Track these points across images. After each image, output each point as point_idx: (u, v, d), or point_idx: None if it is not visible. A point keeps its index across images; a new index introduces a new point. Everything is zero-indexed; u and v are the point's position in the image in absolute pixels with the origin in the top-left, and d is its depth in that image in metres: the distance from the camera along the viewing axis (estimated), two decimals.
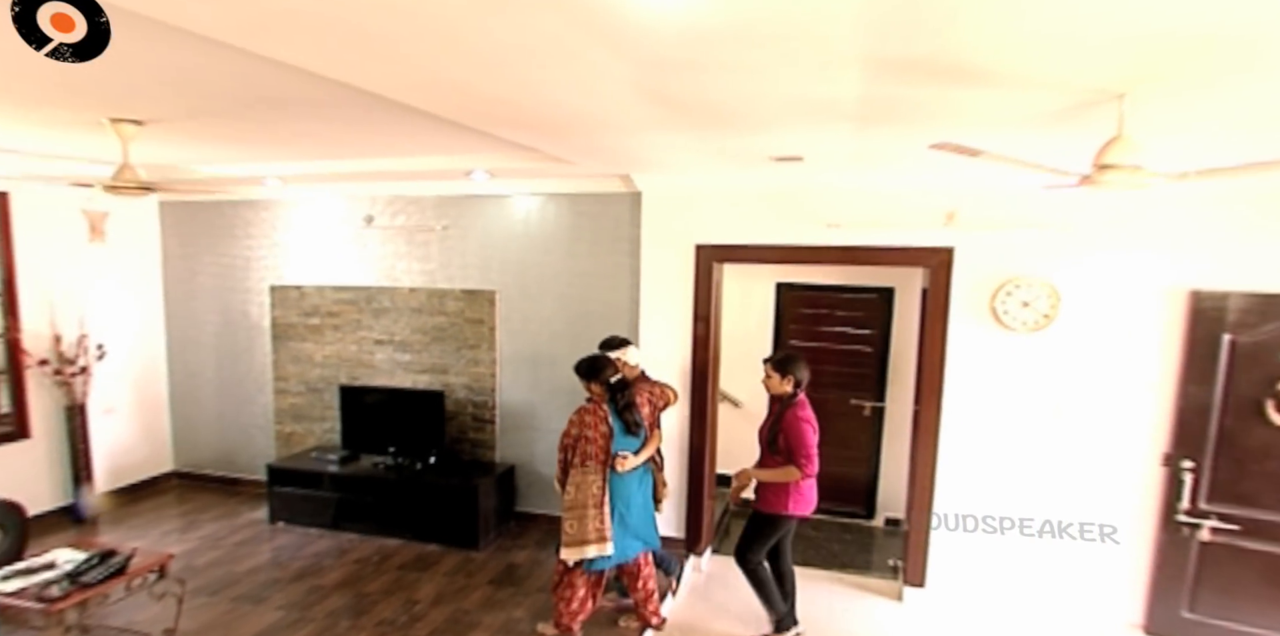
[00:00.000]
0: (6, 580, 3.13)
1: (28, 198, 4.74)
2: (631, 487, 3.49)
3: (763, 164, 3.68)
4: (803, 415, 3.47)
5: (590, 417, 3.39)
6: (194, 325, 5.71)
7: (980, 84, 2.00)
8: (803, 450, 3.39)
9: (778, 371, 3.54)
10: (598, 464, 3.35)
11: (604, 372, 3.47)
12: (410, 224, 5.07)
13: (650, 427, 3.61)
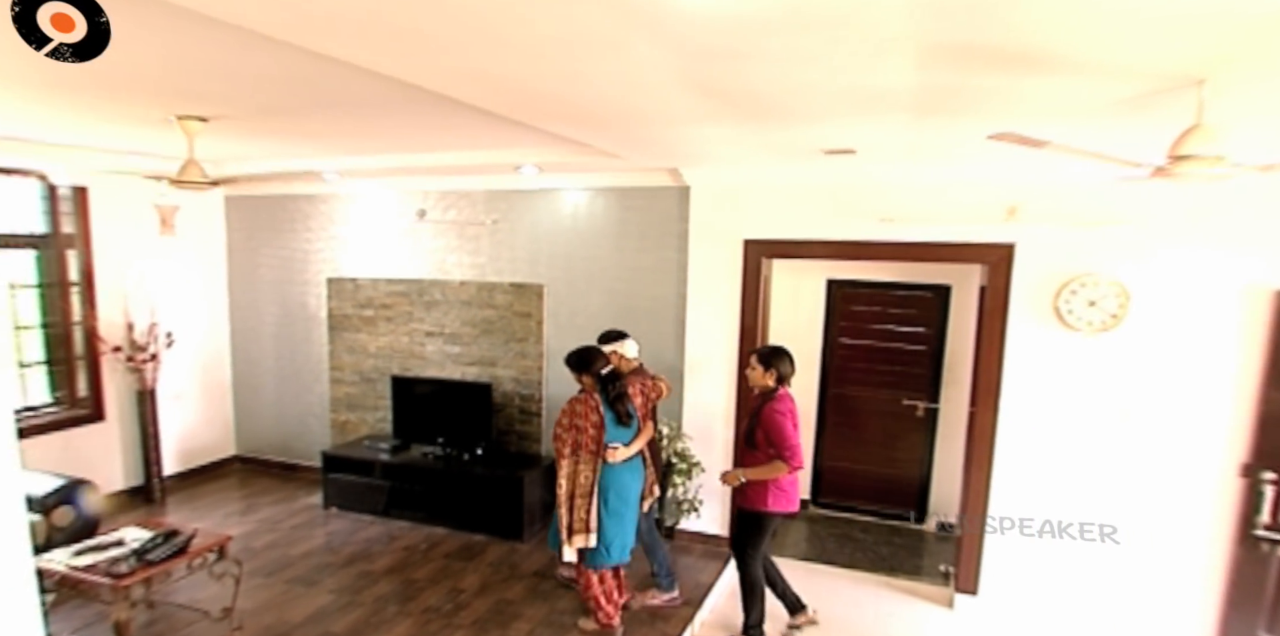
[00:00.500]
0: (79, 555, 3.30)
1: (104, 192, 4.98)
2: (625, 479, 3.46)
3: (814, 157, 3.59)
4: (779, 408, 3.41)
5: (581, 407, 3.39)
6: (255, 315, 5.92)
7: (1045, 71, 1.90)
8: (784, 443, 3.34)
9: (761, 364, 3.50)
10: (589, 454, 3.36)
11: (595, 364, 3.47)
12: (461, 218, 5.14)
13: (643, 419, 3.61)
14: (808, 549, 5.04)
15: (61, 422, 4.93)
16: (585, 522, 3.35)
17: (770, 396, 3.48)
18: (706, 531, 4.66)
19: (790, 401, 3.49)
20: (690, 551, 4.59)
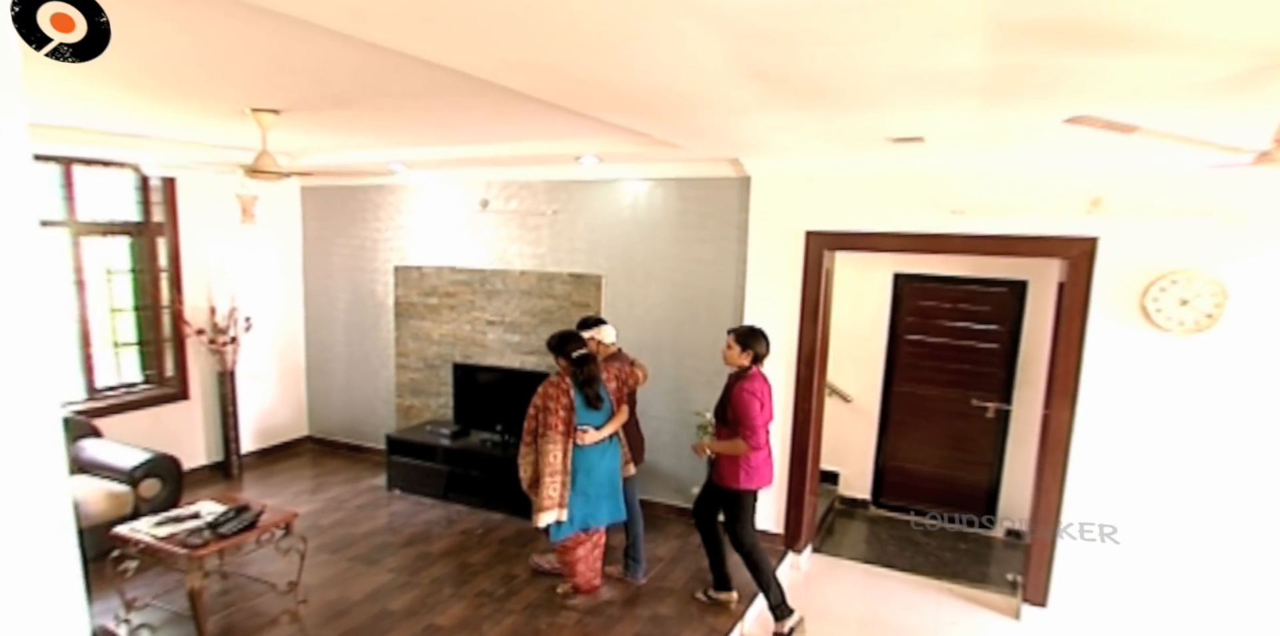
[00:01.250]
0: (160, 526, 3.50)
1: (190, 183, 5.25)
2: (593, 459, 3.57)
3: (879, 146, 3.45)
4: (749, 388, 3.46)
5: (553, 390, 3.49)
6: (328, 302, 6.15)
7: (1130, 48, 1.75)
8: (745, 422, 3.40)
9: (738, 344, 3.54)
10: (557, 434, 3.45)
11: (568, 347, 3.57)
12: (522, 208, 5.19)
13: (617, 403, 3.69)
14: (866, 551, 4.91)
15: (151, 400, 5.26)
16: (554, 499, 3.48)
17: (744, 375, 3.52)
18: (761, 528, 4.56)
19: (762, 382, 3.54)
20: None
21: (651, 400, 4.90)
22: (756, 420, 3.42)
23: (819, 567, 4.58)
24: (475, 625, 3.56)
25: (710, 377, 4.69)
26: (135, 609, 3.56)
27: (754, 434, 3.42)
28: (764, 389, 3.53)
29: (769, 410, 3.56)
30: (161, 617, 3.56)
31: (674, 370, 4.82)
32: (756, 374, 3.55)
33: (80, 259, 4.85)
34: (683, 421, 4.79)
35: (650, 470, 4.99)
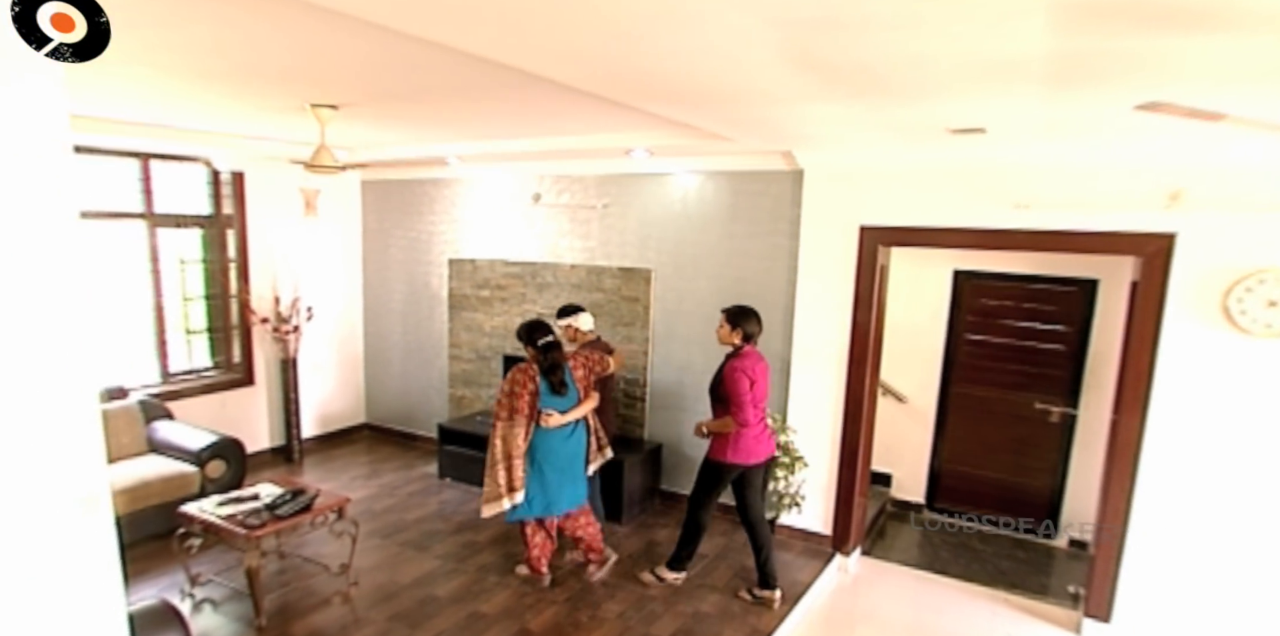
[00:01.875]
0: (222, 505, 3.65)
1: (258, 177, 5.45)
2: (554, 444, 3.66)
3: (938, 137, 3.32)
4: (739, 366, 3.55)
5: (520, 376, 3.60)
6: (385, 293, 6.31)
7: (1211, 27, 1.62)
8: (734, 399, 3.51)
9: (729, 323, 3.64)
10: (523, 418, 3.56)
11: (535, 336, 3.68)
12: (573, 202, 5.20)
13: (585, 390, 3.77)
14: (918, 556, 4.76)
15: (219, 384, 5.49)
16: (511, 483, 3.57)
17: (736, 353, 3.63)
18: (809, 528, 4.51)
19: (753, 359, 3.61)
20: (790, 547, 4.45)
21: (700, 396, 4.85)
22: (744, 397, 3.49)
23: (868, 571, 4.48)
24: (518, 614, 3.60)
25: None
26: (199, 584, 3.73)
27: (740, 410, 3.49)
28: (755, 367, 3.58)
29: (761, 388, 3.60)
30: (223, 593, 3.71)
31: None
32: (749, 352, 3.62)
33: (156, 249, 5.09)
34: None
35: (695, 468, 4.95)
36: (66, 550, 1.00)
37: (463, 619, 3.55)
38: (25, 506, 0.95)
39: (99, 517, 1.04)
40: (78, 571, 1.02)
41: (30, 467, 0.95)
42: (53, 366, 0.95)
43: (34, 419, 0.95)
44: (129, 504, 4.10)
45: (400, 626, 3.48)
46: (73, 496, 0.99)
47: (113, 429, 4.53)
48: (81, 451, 0.99)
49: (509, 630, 3.47)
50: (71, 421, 0.98)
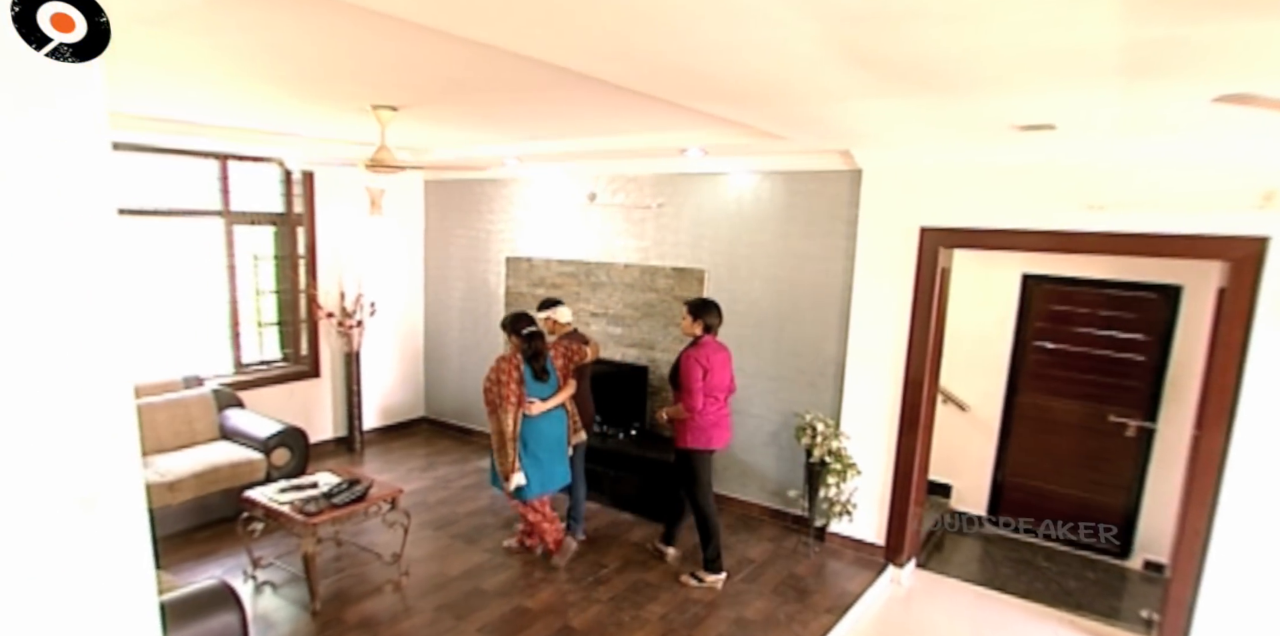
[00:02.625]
0: (282, 492, 3.80)
1: (326, 177, 5.66)
2: (542, 427, 3.89)
3: (1004, 134, 3.18)
4: (695, 355, 3.74)
5: (505, 365, 3.79)
6: (445, 290, 6.45)
7: None
8: (685, 385, 3.72)
9: (691, 314, 3.85)
10: (509, 405, 3.75)
11: (519, 326, 3.89)
12: (628, 201, 5.21)
13: (564, 377, 4.01)
14: (978, 571, 4.57)
15: (287, 376, 5.73)
16: (514, 464, 3.78)
17: (695, 343, 3.82)
18: (860, 537, 4.38)
19: (711, 349, 3.79)
20: (840, 556, 4.34)
21: (751, 398, 4.80)
22: (695, 384, 3.68)
23: (923, 584, 4.32)
24: (561, 611, 3.62)
25: (814, 378, 4.53)
26: (261, 567, 3.88)
27: (689, 396, 3.69)
28: (712, 357, 3.76)
29: (717, 377, 3.76)
30: (282, 577, 3.86)
31: (774, 368, 4.69)
32: (707, 341, 3.81)
33: (232, 245, 5.34)
34: (783, 421, 4.66)
35: (746, 469, 4.90)
36: (61, 553, 1.01)
37: (508, 612, 3.60)
38: (18, 506, 0.96)
39: (101, 518, 1.05)
40: (72, 575, 1.03)
41: (30, 466, 0.97)
42: (52, 365, 0.97)
43: (35, 417, 0.97)
44: (200, 487, 4.32)
45: (447, 617, 3.54)
46: (72, 496, 1.00)
47: (189, 416, 4.78)
48: (83, 450, 1.01)
49: (552, 626, 3.49)
50: (74, 419, 0.99)
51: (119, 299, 1.02)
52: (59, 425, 0.98)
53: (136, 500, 1.09)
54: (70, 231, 0.94)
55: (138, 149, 4.73)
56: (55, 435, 0.97)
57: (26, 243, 0.91)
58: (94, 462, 1.02)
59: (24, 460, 0.96)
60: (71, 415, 0.99)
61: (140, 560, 1.11)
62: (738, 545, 4.44)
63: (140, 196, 4.83)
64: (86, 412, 1.00)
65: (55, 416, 0.97)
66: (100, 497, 1.02)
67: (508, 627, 3.46)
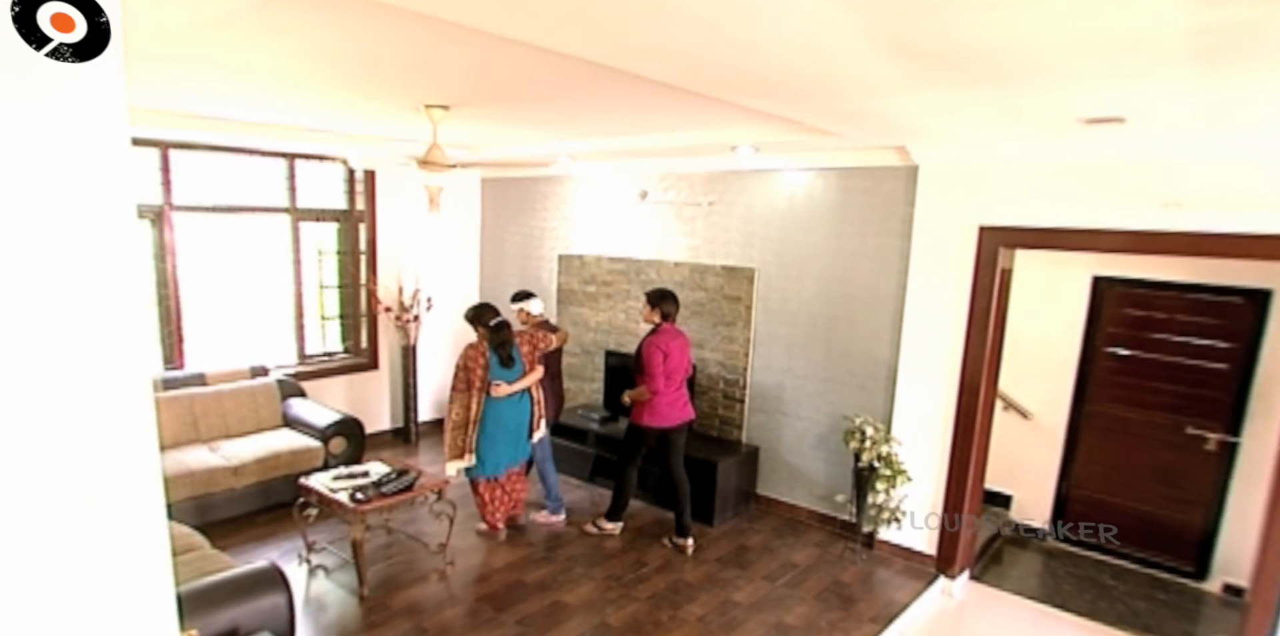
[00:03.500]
0: (335, 480, 3.93)
1: (387, 175, 5.82)
2: (503, 410, 4.15)
3: (1069, 128, 3.01)
4: (655, 341, 4.08)
5: (472, 352, 4.11)
6: (500, 286, 6.55)
7: None
8: (648, 369, 4.06)
9: (650, 304, 4.20)
10: (476, 391, 4.07)
11: (484, 317, 4.19)
12: (679, 199, 5.18)
13: (529, 363, 4.26)
14: (1036, 586, 4.36)
15: (347, 368, 5.93)
16: (469, 445, 4.09)
17: (654, 331, 4.15)
18: (910, 546, 4.25)
19: (670, 336, 4.12)
20: (889, 564, 4.22)
21: (800, 400, 4.71)
22: (656, 368, 4.01)
23: (976, 598, 4.16)
24: (600, 607, 3.63)
25: (865, 381, 4.41)
26: (314, 551, 4.03)
27: (652, 379, 4.03)
28: (671, 343, 4.10)
29: (675, 361, 4.09)
30: (335, 562, 4.00)
31: (825, 370, 4.59)
32: (666, 329, 4.15)
33: (298, 241, 5.56)
34: (832, 424, 4.55)
35: (793, 473, 4.81)
36: (62, 555, 1.01)
37: (546, 606, 3.63)
38: (18, 507, 0.96)
39: (111, 519, 1.04)
40: (72, 579, 1.03)
41: (31, 466, 0.97)
42: (52, 364, 0.98)
43: (45, 415, 0.97)
44: (262, 472, 4.51)
45: (488, 608, 3.60)
46: (79, 496, 0.99)
47: (254, 403, 5.00)
48: (87, 450, 1.02)
49: (589, 622, 3.50)
50: (79, 417, 1.00)
51: (131, 296, 1.04)
52: (68, 423, 0.99)
53: (151, 501, 1.09)
54: (79, 230, 0.97)
55: (212, 149, 4.97)
56: (63, 434, 0.99)
57: (34, 240, 0.94)
58: (106, 462, 1.03)
59: (38, 460, 0.97)
60: (81, 413, 1.00)
61: (154, 562, 1.12)
62: (782, 549, 4.36)
63: (213, 194, 5.07)
64: (99, 411, 1.01)
65: (64, 414, 0.99)
66: (108, 498, 1.03)
67: (545, 622, 3.49)
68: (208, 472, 4.27)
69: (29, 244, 0.92)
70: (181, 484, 4.14)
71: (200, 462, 4.32)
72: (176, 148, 4.82)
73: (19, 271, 0.92)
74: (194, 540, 3.34)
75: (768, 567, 4.12)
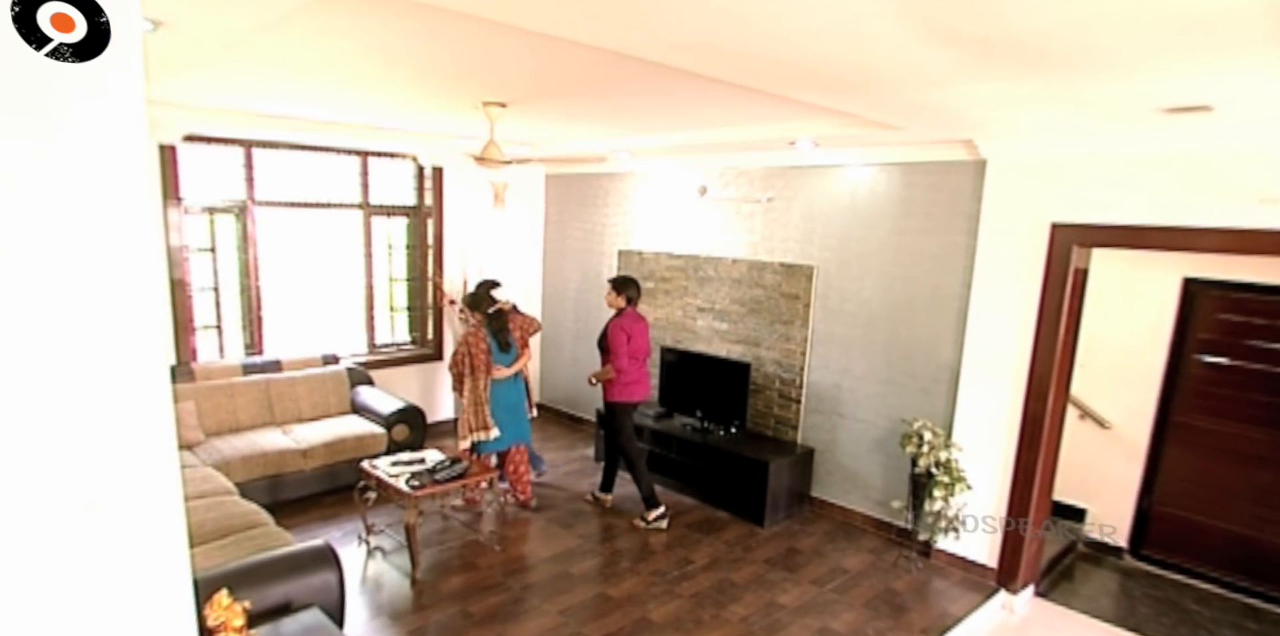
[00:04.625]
0: (394, 465, 4.08)
1: (454, 172, 5.99)
2: (501, 391, 4.48)
3: (1149, 118, 2.81)
4: (619, 324, 4.44)
5: (474, 338, 4.39)
6: (561, 281, 6.65)
7: None
8: (613, 349, 4.41)
9: (615, 290, 4.51)
10: (481, 373, 4.36)
11: (483, 305, 4.49)
12: (738, 195, 5.11)
13: (521, 347, 4.59)
14: (1110, 607, 4.10)
15: (413, 358, 6.14)
16: (484, 421, 4.38)
17: (618, 314, 4.49)
18: (969, 556, 4.07)
19: (632, 319, 4.48)
20: (946, 575, 4.05)
21: (859, 401, 4.59)
22: (620, 348, 4.38)
23: (1041, 615, 3.95)
24: (643, 602, 3.64)
25: (926, 384, 4.25)
26: (373, 533, 4.20)
27: (616, 358, 4.39)
28: (634, 326, 4.45)
29: (638, 342, 4.45)
30: (391, 544, 4.15)
31: (885, 371, 4.44)
32: (630, 313, 4.49)
33: (370, 235, 5.79)
34: (891, 428, 4.41)
35: (849, 476, 4.69)
36: (58, 562, 1.00)
37: (590, 598, 3.66)
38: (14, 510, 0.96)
39: (106, 524, 1.03)
40: (72, 587, 1.02)
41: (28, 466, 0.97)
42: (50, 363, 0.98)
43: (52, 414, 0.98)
44: (329, 455, 4.73)
45: (533, 597, 3.67)
46: (79, 499, 0.99)
47: (325, 390, 5.24)
48: (87, 451, 1.02)
49: (630, 616, 3.52)
50: (79, 416, 1.00)
51: (143, 294, 1.05)
52: (75, 423, 1.00)
53: (167, 502, 1.09)
54: (83, 228, 0.99)
55: (292, 147, 5.22)
56: (69, 433, 0.99)
57: (35, 240, 0.96)
58: (114, 461, 1.04)
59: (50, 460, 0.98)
60: (91, 413, 1.01)
61: (172, 565, 1.12)
62: (834, 553, 4.26)
63: (292, 190, 5.34)
64: (111, 410, 1.03)
65: (72, 413, 1.00)
66: (116, 497, 1.02)
67: (588, 613, 3.53)
68: (279, 454, 4.50)
69: (28, 243, 0.94)
70: (255, 464, 4.40)
71: (273, 444, 4.57)
72: (259, 146, 5.10)
73: (17, 270, 0.93)
74: (260, 517, 3.54)
75: (817, 571, 4.03)
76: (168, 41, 2.41)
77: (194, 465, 4.19)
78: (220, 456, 4.33)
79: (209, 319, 5.12)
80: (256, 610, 2.53)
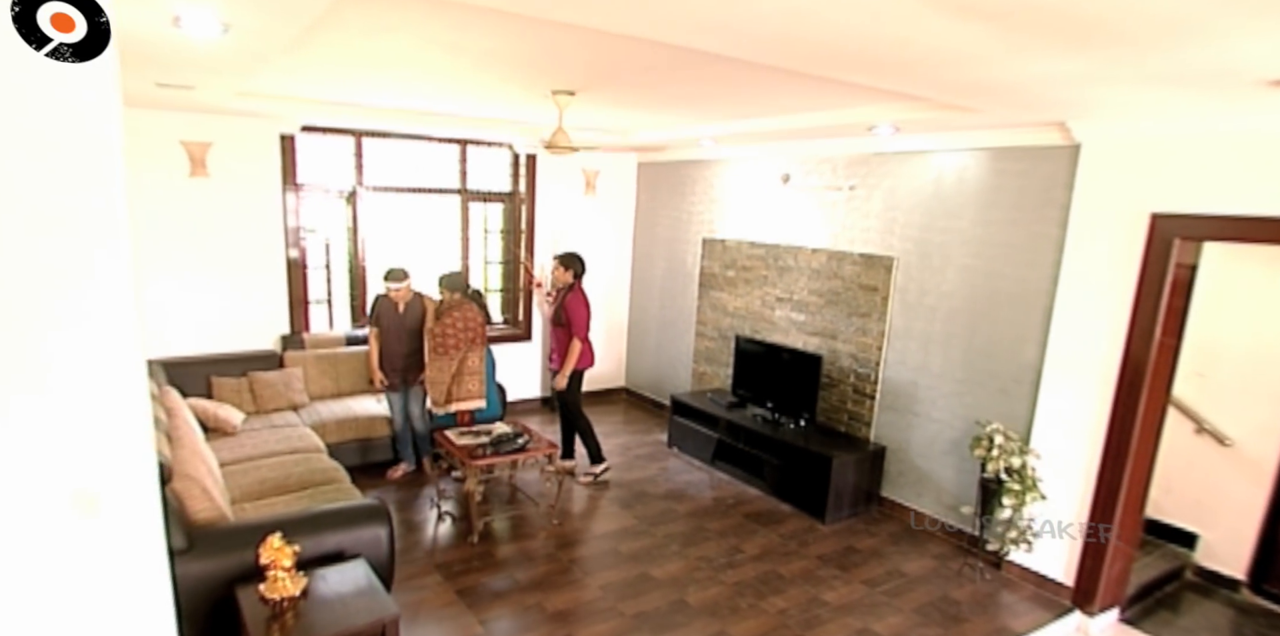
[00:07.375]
0: (463, 436, 4.33)
1: (546, 160, 6.20)
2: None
3: (1253, 92, 2.48)
4: (577, 297, 4.81)
5: (472, 313, 4.65)
6: (649, 268, 6.73)
7: None
8: (578, 323, 4.77)
9: (562, 265, 4.87)
10: (478, 346, 4.68)
11: (470, 289, 4.85)
12: (821, 183, 4.96)
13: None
14: None
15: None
16: (479, 390, 4.65)
17: (570, 289, 4.85)
18: (1043, 572, 3.79)
19: (582, 293, 4.85)
20: (1015, 589, 3.80)
21: (934, 400, 4.36)
22: (583, 319, 4.75)
23: None
24: (683, 586, 3.68)
25: (1006, 384, 3.99)
26: (444, 498, 4.49)
27: (582, 328, 4.76)
28: (586, 299, 4.84)
29: (589, 313, 4.86)
30: (460, 511, 4.42)
31: (963, 370, 4.20)
32: (579, 287, 4.86)
33: (467, 220, 6.12)
34: (967, 430, 4.16)
35: (921, 477, 4.49)
36: (52, 554, 1.08)
37: (632, 577, 3.74)
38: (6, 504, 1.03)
39: (101, 518, 1.09)
40: (63, 576, 1.09)
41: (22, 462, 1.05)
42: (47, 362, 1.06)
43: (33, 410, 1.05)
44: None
45: (578, 570, 3.80)
46: (67, 493, 1.06)
47: None
48: (82, 446, 1.09)
49: (668, 597, 3.56)
50: (74, 414, 1.08)
51: (115, 289, 1.11)
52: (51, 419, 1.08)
53: (144, 496, 1.15)
54: (70, 226, 1.07)
55: (399, 136, 5.61)
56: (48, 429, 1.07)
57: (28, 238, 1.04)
58: (96, 457, 1.12)
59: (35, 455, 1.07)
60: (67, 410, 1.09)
61: (150, 556, 1.20)
62: (894, 555, 4.10)
63: (397, 176, 5.73)
64: (88, 406, 1.11)
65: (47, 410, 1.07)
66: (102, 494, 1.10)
67: (628, 591, 3.61)
68: (369, 420, 4.90)
69: (24, 242, 1.05)
70: (348, 427, 4.81)
71: (365, 410, 4.96)
72: (368, 136, 5.51)
73: (16, 269, 1.05)
74: (338, 474, 3.89)
75: (871, 572, 3.90)
76: (240, 42, 2.64)
77: (295, 424, 4.65)
78: (318, 418, 4.77)
79: (320, 294, 5.62)
80: (311, 555, 2.80)
